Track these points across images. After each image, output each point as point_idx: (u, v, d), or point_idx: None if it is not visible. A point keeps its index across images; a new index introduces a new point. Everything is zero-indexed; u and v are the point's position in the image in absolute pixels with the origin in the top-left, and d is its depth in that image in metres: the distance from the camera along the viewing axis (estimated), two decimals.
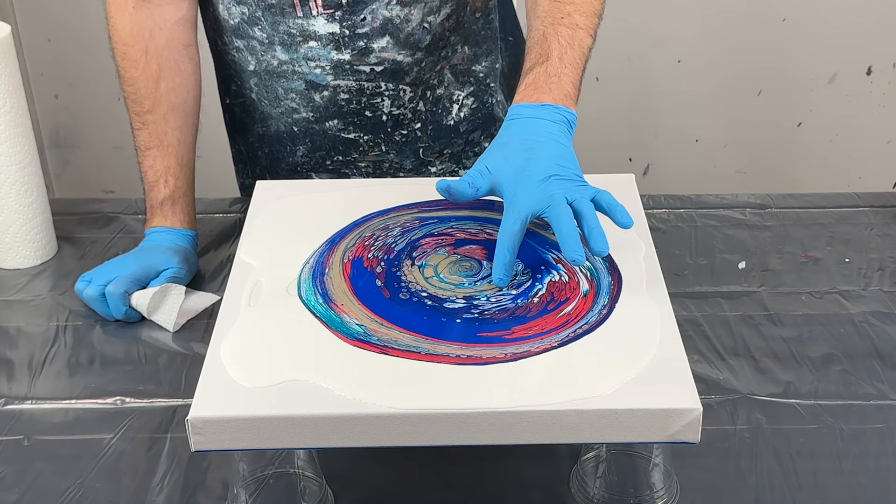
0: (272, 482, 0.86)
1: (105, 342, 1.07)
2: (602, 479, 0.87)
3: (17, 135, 1.15)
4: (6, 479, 0.91)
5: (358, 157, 1.26)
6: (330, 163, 1.27)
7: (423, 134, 1.25)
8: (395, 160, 1.27)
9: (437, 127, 1.26)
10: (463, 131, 1.27)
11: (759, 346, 1.05)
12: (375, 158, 1.26)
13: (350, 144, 1.25)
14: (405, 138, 1.25)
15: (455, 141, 1.27)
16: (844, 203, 1.29)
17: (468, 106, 1.26)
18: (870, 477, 0.90)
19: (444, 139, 1.27)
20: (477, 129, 1.28)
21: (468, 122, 1.27)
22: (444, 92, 1.24)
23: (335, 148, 1.26)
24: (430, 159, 1.27)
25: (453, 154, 1.28)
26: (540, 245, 0.95)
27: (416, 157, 1.27)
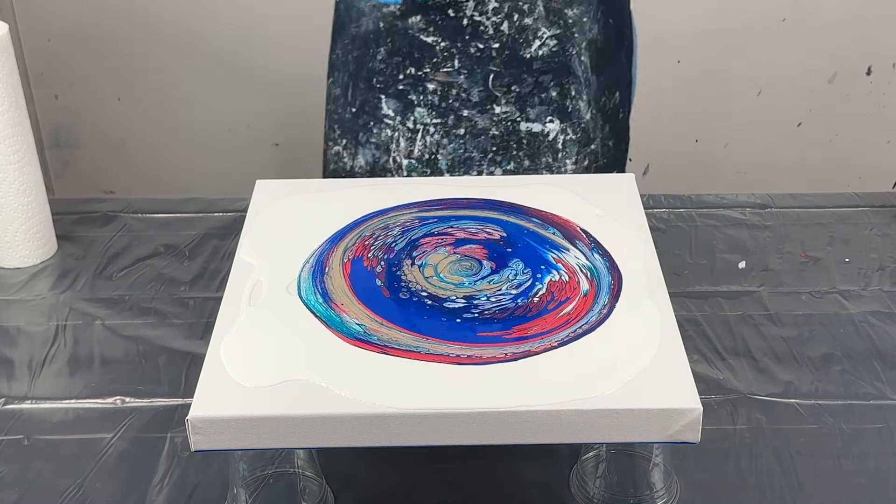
0: (272, 482, 0.86)
1: (105, 342, 1.07)
2: (602, 479, 0.87)
3: (15, 133, 1.15)
4: (6, 479, 0.91)
5: (430, 71, 1.26)
6: (403, 76, 1.27)
7: (497, 56, 1.25)
8: (465, 85, 1.26)
9: (512, 55, 1.26)
10: (535, 69, 1.27)
11: (759, 346, 1.05)
12: (445, 79, 1.26)
13: (426, 51, 1.25)
14: (480, 54, 1.25)
15: (525, 78, 1.27)
16: (844, 203, 1.29)
17: (549, 47, 1.26)
18: (870, 477, 0.90)
19: (515, 71, 1.26)
20: (549, 72, 1.28)
21: (543, 62, 1.27)
22: (531, 23, 1.24)
23: (411, 55, 1.26)
24: (496, 94, 1.26)
25: (520, 95, 1.27)
26: (540, 245, 0.95)
27: (485, 86, 1.26)
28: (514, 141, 1.27)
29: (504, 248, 0.95)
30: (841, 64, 2.16)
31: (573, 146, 1.29)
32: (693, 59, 2.16)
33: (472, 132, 1.27)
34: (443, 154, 1.27)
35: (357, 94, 1.31)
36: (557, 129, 1.28)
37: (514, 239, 0.96)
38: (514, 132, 1.27)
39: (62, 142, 2.27)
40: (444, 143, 1.27)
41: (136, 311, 1.12)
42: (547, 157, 1.29)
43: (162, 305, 1.13)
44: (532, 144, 1.27)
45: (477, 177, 1.23)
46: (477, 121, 1.26)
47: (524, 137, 1.27)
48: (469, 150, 1.27)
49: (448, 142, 1.27)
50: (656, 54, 2.16)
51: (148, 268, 1.19)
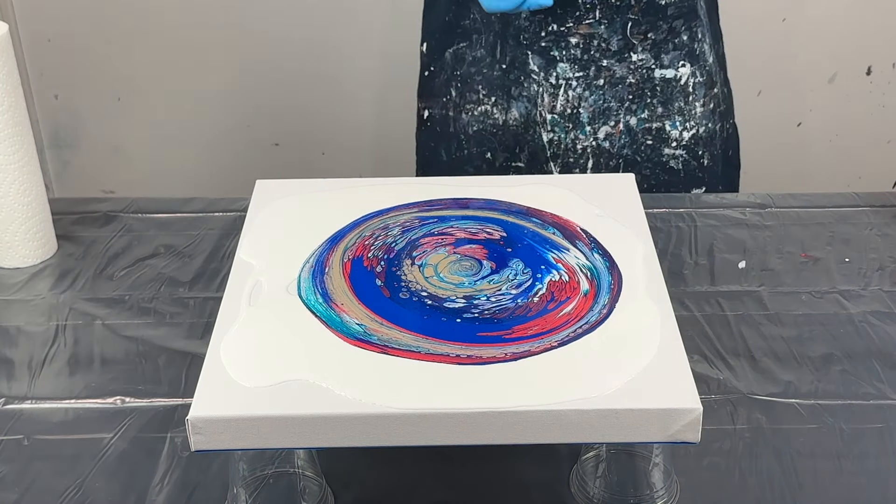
0: (272, 482, 0.86)
1: (105, 342, 1.07)
2: (602, 479, 0.87)
3: (15, 133, 1.15)
4: (6, 479, 0.91)
5: (572, 25, 1.31)
6: (545, 33, 1.33)
7: (636, 4, 1.31)
8: (605, 35, 1.31)
9: (649, 3, 1.31)
10: (669, 15, 1.32)
11: (759, 346, 1.05)
12: (587, 31, 1.31)
13: (569, 5, 1.31)
14: (620, 2, 1.30)
15: (660, 24, 1.33)
16: (844, 203, 1.29)
17: None
18: (870, 477, 0.90)
19: (651, 17, 1.32)
20: (681, 17, 1.33)
21: (675, 7, 1.32)
22: None
23: (554, 11, 1.31)
24: (634, 42, 1.32)
25: (655, 42, 1.33)
26: (540, 245, 0.95)
27: (623, 34, 1.32)
28: (648, 88, 1.34)
29: (504, 248, 0.95)
30: (841, 64, 2.16)
31: (701, 89, 1.37)
32: None
33: (610, 81, 1.33)
34: (584, 107, 1.34)
35: (507, 51, 1.36)
36: (688, 72, 1.35)
37: (514, 239, 0.96)
38: (648, 80, 1.34)
39: (62, 142, 2.27)
40: (586, 96, 1.34)
41: (136, 311, 1.12)
42: (679, 102, 1.36)
43: (162, 305, 1.13)
44: (665, 90, 1.35)
45: (477, 177, 1.23)
46: (615, 69, 1.33)
47: (658, 84, 1.34)
48: (608, 100, 1.34)
49: (589, 94, 1.33)
50: None
51: (148, 268, 1.19)
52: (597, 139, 1.36)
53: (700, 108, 1.38)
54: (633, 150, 1.37)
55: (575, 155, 1.38)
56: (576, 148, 1.37)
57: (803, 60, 2.15)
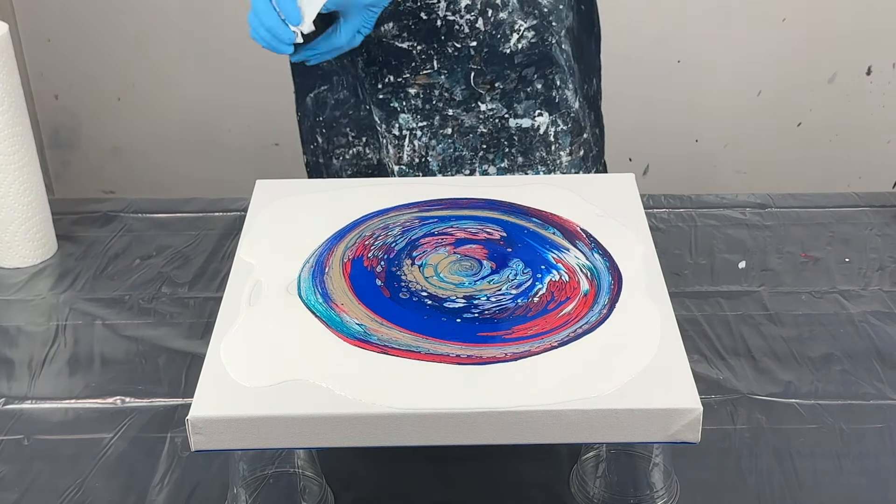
0: (272, 482, 0.86)
1: (105, 342, 1.07)
2: (602, 479, 0.87)
3: (15, 133, 1.15)
4: (6, 479, 0.91)
5: (409, 76, 1.24)
6: (381, 85, 1.25)
7: (476, 54, 1.23)
8: (446, 85, 1.24)
9: (492, 52, 1.23)
10: (517, 63, 1.24)
11: (759, 346, 1.05)
12: (426, 81, 1.24)
13: (403, 57, 1.23)
14: (458, 53, 1.23)
15: (508, 74, 1.24)
16: (844, 203, 1.29)
17: (528, 39, 1.24)
18: (870, 477, 0.90)
19: (497, 67, 1.24)
20: (532, 65, 1.25)
21: (524, 55, 1.24)
22: (506, 17, 1.22)
23: (388, 63, 1.24)
24: (480, 91, 1.24)
25: (504, 91, 1.25)
26: (540, 245, 0.95)
27: (467, 83, 1.24)
28: (504, 138, 1.26)
29: (504, 248, 0.95)
30: (841, 64, 2.16)
31: (566, 137, 1.28)
32: (693, 59, 2.16)
33: (459, 131, 1.25)
34: (433, 156, 1.26)
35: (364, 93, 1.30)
36: (547, 121, 1.26)
37: (514, 239, 0.96)
38: (503, 129, 1.25)
39: (62, 142, 2.27)
40: (433, 145, 1.25)
41: (136, 311, 1.12)
42: (541, 152, 1.27)
43: (162, 305, 1.13)
44: (524, 140, 1.26)
45: (477, 177, 1.23)
46: (463, 119, 1.25)
47: (514, 134, 1.25)
48: (459, 149, 1.25)
49: (437, 143, 1.25)
50: (656, 54, 2.16)
51: (148, 268, 1.19)
52: None
53: (567, 156, 1.29)
54: None
55: None
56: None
57: (803, 60, 2.15)
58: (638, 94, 2.19)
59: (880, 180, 2.22)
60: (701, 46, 2.15)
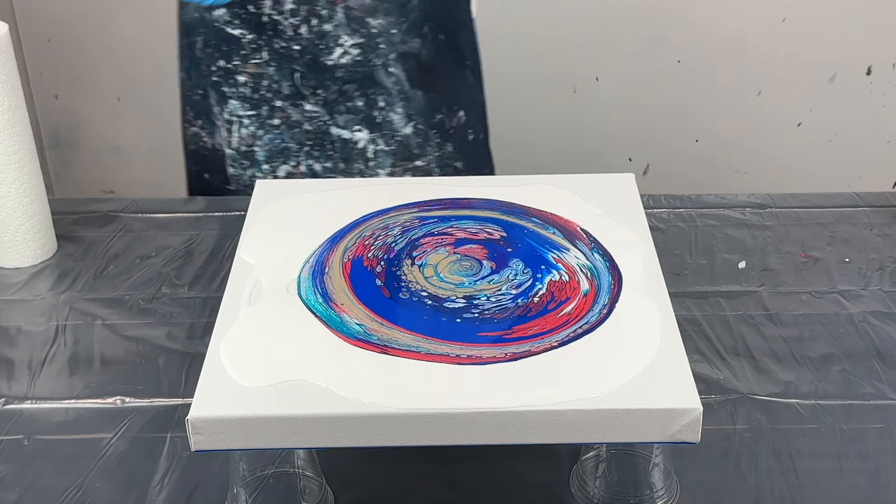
0: (272, 482, 0.86)
1: (105, 342, 1.07)
2: (602, 479, 0.87)
3: (15, 133, 1.15)
4: (6, 479, 0.91)
5: (240, 63, 1.24)
6: (215, 68, 1.26)
7: (300, 58, 1.23)
8: (275, 77, 1.24)
9: (314, 60, 1.23)
10: (338, 77, 1.25)
11: (759, 346, 1.05)
12: (255, 70, 1.24)
13: (233, 43, 1.24)
14: (284, 51, 1.23)
15: (329, 85, 1.25)
16: (844, 203, 1.29)
17: (352, 56, 1.24)
18: (870, 477, 0.90)
19: (318, 76, 1.24)
20: (354, 81, 1.25)
21: (347, 70, 1.24)
22: (331, 30, 1.22)
23: (220, 47, 1.25)
24: (305, 92, 1.24)
25: (326, 100, 1.25)
26: (540, 245, 0.95)
27: (292, 81, 1.24)
28: (327, 142, 1.26)
29: (504, 248, 0.95)
30: (841, 64, 2.16)
31: (387, 158, 1.27)
32: (693, 59, 2.16)
33: (287, 123, 1.25)
34: (259, 145, 1.27)
35: (198, 80, 1.31)
36: (367, 138, 1.26)
37: (514, 239, 0.96)
38: (326, 133, 1.26)
39: (62, 142, 2.27)
40: (260, 135, 1.26)
41: (136, 311, 1.12)
42: (359, 164, 1.28)
43: (162, 305, 1.13)
44: (344, 149, 1.26)
45: (477, 177, 1.23)
46: (290, 113, 1.25)
47: (336, 141, 1.26)
48: (286, 141, 1.26)
49: (264, 132, 1.26)
50: (656, 54, 2.16)
51: (148, 268, 1.19)
52: (277, 178, 1.30)
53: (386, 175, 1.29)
54: None
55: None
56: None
57: (803, 60, 2.15)
58: (638, 94, 2.19)
59: (880, 180, 2.22)
60: (701, 46, 2.15)
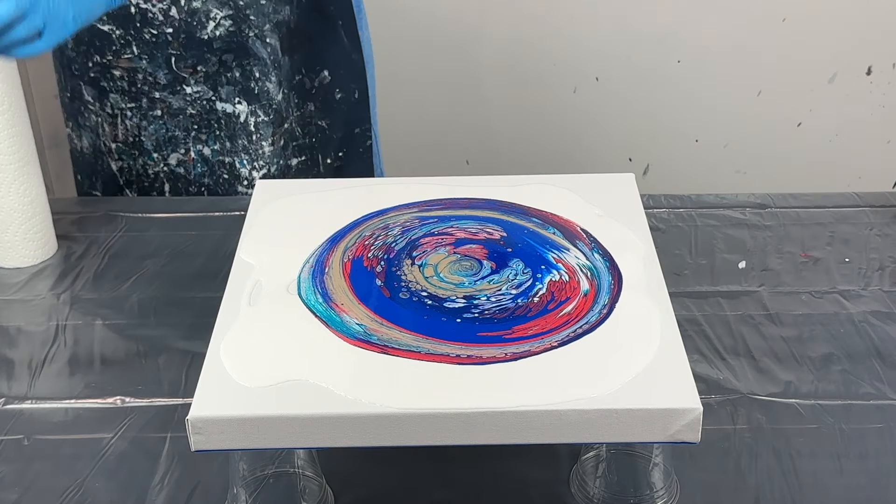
0: (272, 482, 0.86)
1: (105, 342, 1.07)
2: (602, 478, 0.87)
3: (15, 133, 1.15)
4: (6, 479, 0.91)
5: (112, 59, 1.26)
6: (92, 64, 1.28)
7: (174, 40, 1.24)
8: (149, 69, 1.26)
9: (189, 38, 1.25)
10: (216, 49, 1.26)
11: (759, 346, 1.05)
12: (129, 65, 1.26)
13: (105, 39, 1.26)
14: (156, 39, 1.24)
15: (209, 58, 1.26)
16: (844, 203, 1.29)
17: (225, 27, 1.25)
18: (870, 477, 0.90)
19: (196, 52, 1.26)
20: (230, 51, 1.27)
21: (223, 41, 1.26)
22: (200, 6, 1.24)
23: (93, 43, 1.27)
24: (184, 75, 1.26)
25: (208, 74, 1.27)
26: (540, 245, 0.95)
27: (169, 67, 1.26)
28: (213, 120, 1.29)
29: (504, 248, 0.95)
30: (841, 64, 2.15)
31: (267, 128, 1.30)
32: (693, 59, 2.16)
33: (169, 112, 1.27)
34: (146, 136, 1.29)
35: (67, 81, 1.33)
36: (247, 110, 1.29)
37: (514, 239, 0.96)
38: (211, 111, 1.28)
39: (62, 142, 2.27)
40: (145, 126, 1.28)
41: (136, 311, 1.12)
42: (243, 140, 1.30)
43: (162, 305, 1.13)
44: (229, 125, 1.29)
45: (477, 177, 1.23)
46: (171, 101, 1.27)
47: (221, 118, 1.28)
48: (171, 130, 1.28)
49: (148, 123, 1.28)
50: (656, 54, 2.16)
51: (148, 268, 1.19)
52: (168, 165, 1.32)
53: (269, 146, 1.32)
54: (213, 179, 1.34)
55: (149, 180, 1.35)
56: (148, 174, 1.34)
57: (803, 60, 2.14)
58: (638, 94, 2.19)
59: (880, 180, 2.22)
60: (701, 46, 2.15)
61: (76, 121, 1.35)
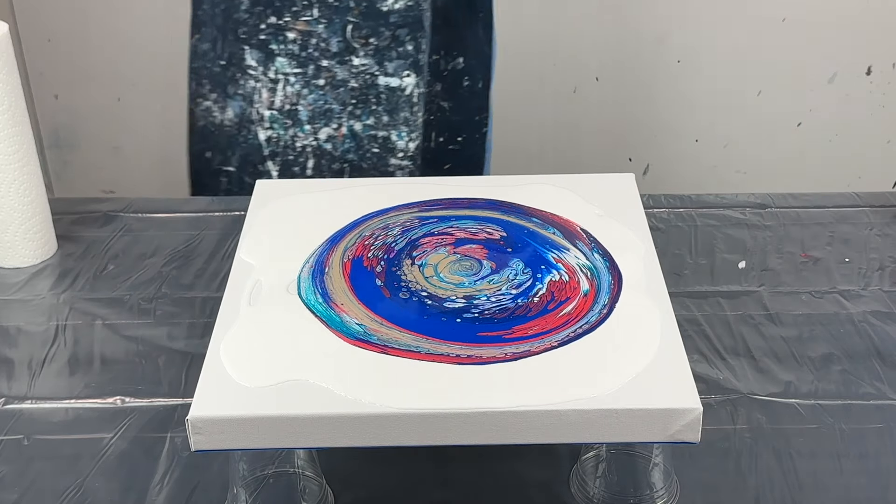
0: (272, 482, 0.86)
1: (105, 342, 1.07)
2: (602, 478, 0.87)
3: (15, 133, 1.15)
4: (6, 479, 0.91)
5: (290, 19, 1.27)
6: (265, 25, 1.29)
7: (356, 6, 1.27)
8: (324, 35, 1.27)
9: (370, 7, 1.27)
10: (392, 22, 1.29)
11: (759, 346, 1.05)
12: (305, 27, 1.27)
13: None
14: (339, 4, 1.26)
15: (383, 31, 1.29)
16: (844, 203, 1.29)
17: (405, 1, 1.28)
18: (870, 477, 0.90)
19: (373, 24, 1.28)
20: (406, 26, 1.30)
21: (400, 16, 1.29)
22: None
23: (272, 3, 1.28)
24: (355, 45, 1.28)
25: (378, 48, 1.30)
26: (540, 245, 0.95)
27: (343, 35, 1.28)
28: (372, 95, 1.31)
29: (504, 248, 0.95)
30: (841, 64, 2.15)
31: (423, 100, 1.34)
32: (693, 59, 2.16)
33: (331, 83, 1.29)
34: (303, 105, 1.30)
35: (225, 47, 1.34)
36: (413, 83, 1.32)
37: (514, 239, 0.96)
38: (372, 86, 1.30)
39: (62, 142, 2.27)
40: (305, 94, 1.30)
41: (136, 311, 1.12)
42: (405, 112, 1.32)
43: (162, 305, 1.13)
44: (391, 99, 1.31)
45: (477, 177, 1.24)
46: (336, 71, 1.29)
47: (382, 92, 1.30)
48: (329, 102, 1.30)
49: (308, 92, 1.29)
50: (656, 54, 2.16)
51: (148, 268, 1.19)
52: (318, 139, 1.35)
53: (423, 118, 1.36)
54: (358, 155, 1.35)
55: (294, 153, 1.36)
56: (295, 146, 1.36)
57: (803, 60, 2.14)
58: (638, 94, 2.19)
59: (880, 180, 2.21)
60: (701, 46, 2.15)
61: (224, 90, 1.36)
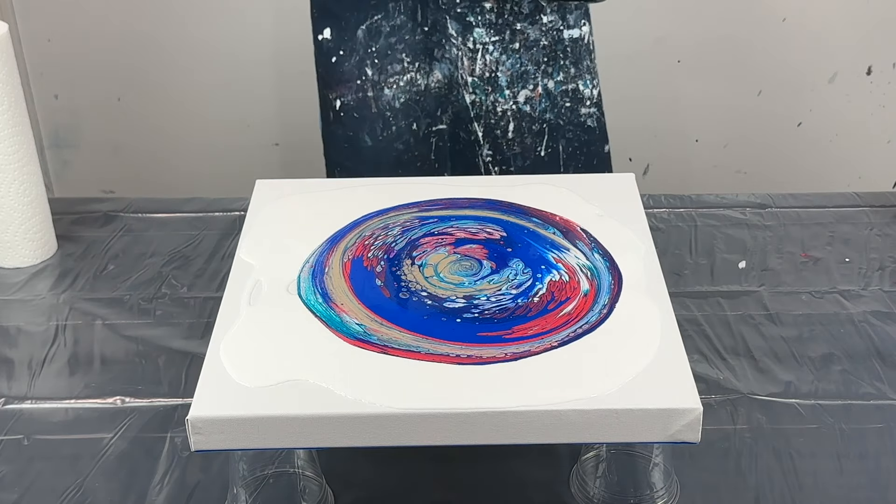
0: (272, 482, 0.86)
1: (105, 342, 1.07)
2: (602, 479, 0.87)
3: (15, 133, 1.15)
4: (6, 479, 0.91)
5: None
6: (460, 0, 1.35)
7: None
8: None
9: None
10: None
11: (759, 346, 1.05)
12: None
13: None
14: None
15: None
16: (844, 203, 1.29)
17: None
18: (870, 477, 0.90)
19: None
20: None
21: None
22: None
23: None
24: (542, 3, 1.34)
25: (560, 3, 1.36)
26: (540, 245, 0.95)
27: None
28: (559, 50, 1.37)
29: (504, 247, 0.95)
30: (841, 64, 2.16)
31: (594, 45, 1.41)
32: (693, 59, 2.16)
33: (525, 45, 1.36)
34: (502, 71, 1.36)
35: (428, 14, 1.38)
36: (588, 30, 1.39)
37: (514, 239, 0.96)
38: (559, 41, 1.37)
39: (62, 142, 2.27)
40: (503, 60, 1.36)
41: (136, 311, 1.12)
42: (587, 61, 1.39)
43: (162, 305, 1.13)
44: (575, 51, 1.38)
45: (477, 177, 1.24)
46: (529, 32, 1.35)
47: (568, 45, 1.37)
48: (525, 64, 1.36)
49: (506, 57, 1.35)
50: (656, 54, 2.16)
51: (148, 268, 1.19)
52: (517, 103, 1.39)
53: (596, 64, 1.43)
54: (554, 114, 1.40)
55: (496, 117, 1.40)
56: (496, 111, 1.40)
57: (803, 60, 2.14)
58: (638, 94, 2.19)
59: (880, 180, 2.22)
60: (701, 46, 2.15)
61: (431, 54, 1.40)
